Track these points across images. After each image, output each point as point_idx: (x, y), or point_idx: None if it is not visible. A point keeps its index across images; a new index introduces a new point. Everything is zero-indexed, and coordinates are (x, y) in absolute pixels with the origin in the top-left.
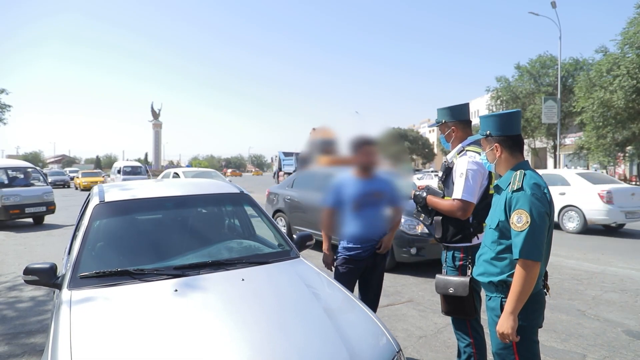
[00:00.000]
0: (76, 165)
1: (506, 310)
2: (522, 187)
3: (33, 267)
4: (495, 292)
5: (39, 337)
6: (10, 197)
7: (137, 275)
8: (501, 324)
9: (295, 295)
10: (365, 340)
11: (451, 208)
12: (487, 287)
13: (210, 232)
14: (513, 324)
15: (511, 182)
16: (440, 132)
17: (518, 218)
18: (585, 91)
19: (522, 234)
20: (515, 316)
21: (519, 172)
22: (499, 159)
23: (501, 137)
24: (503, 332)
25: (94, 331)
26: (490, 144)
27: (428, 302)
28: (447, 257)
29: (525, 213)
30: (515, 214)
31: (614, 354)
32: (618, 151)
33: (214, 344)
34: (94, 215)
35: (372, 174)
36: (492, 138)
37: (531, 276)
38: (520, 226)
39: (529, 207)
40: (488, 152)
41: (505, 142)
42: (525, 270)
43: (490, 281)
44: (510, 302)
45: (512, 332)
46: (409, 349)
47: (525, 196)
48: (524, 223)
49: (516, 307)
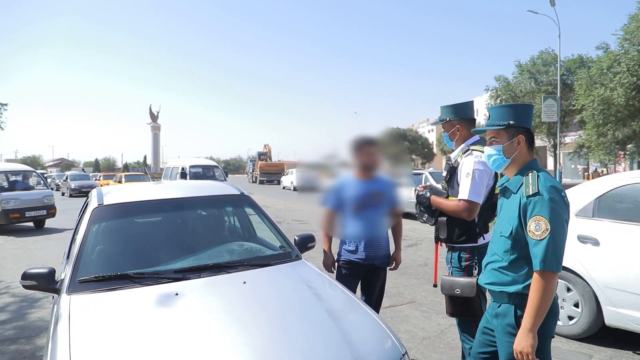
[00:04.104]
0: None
1: (525, 328)
2: (539, 191)
3: (31, 272)
4: (508, 301)
5: (38, 342)
6: (10, 201)
7: (137, 279)
8: (519, 342)
9: (298, 297)
10: (370, 343)
11: (457, 209)
12: (499, 296)
13: (210, 235)
14: (533, 342)
15: (524, 185)
16: (444, 130)
17: (536, 226)
18: (586, 89)
19: (542, 243)
20: (534, 334)
21: (531, 173)
22: (518, 154)
23: (525, 129)
24: (522, 350)
25: (94, 337)
26: (511, 135)
27: (431, 302)
28: (452, 257)
29: (545, 220)
30: (533, 221)
31: (619, 354)
32: (619, 149)
33: (216, 349)
34: (92, 218)
35: (372, 175)
36: (514, 129)
37: (550, 288)
38: (539, 234)
39: (548, 214)
40: (506, 146)
41: (527, 134)
42: (545, 281)
43: (503, 291)
44: (528, 319)
45: (532, 352)
46: (413, 350)
47: (543, 201)
48: (543, 231)
49: (535, 323)
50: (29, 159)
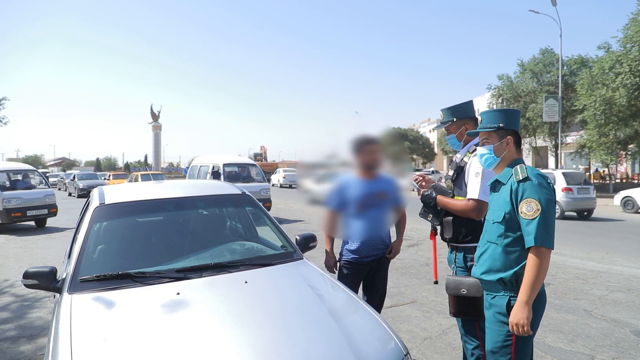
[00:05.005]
0: (76, 168)
1: (521, 300)
2: (528, 176)
3: (33, 270)
4: (503, 290)
5: (39, 341)
6: (11, 200)
7: (139, 278)
8: (515, 314)
9: (300, 297)
10: (372, 344)
11: (466, 208)
12: (494, 286)
13: (212, 234)
14: (528, 314)
15: (514, 174)
16: (449, 132)
17: (528, 207)
18: (587, 89)
19: (533, 221)
20: (530, 306)
21: (519, 165)
22: (507, 153)
23: (513, 131)
24: (517, 322)
25: (95, 336)
26: (500, 137)
27: (432, 303)
28: (456, 257)
29: (535, 201)
30: (525, 203)
31: (622, 355)
32: (620, 149)
33: (217, 348)
34: (94, 217)
35: (375, 174)
36: (504, 131)
37: (545, 264)
38: (531, 214)
39: (537, 195)
40: (497, 146)
41: (515, 136)
42: (539, 257)
43: (500, 278)
44: (524, 292)
45: (527, 323)
46: (414, 350)
47: (532, 185)
48: (535, 211)
49: (531, 296)
50: (30, 158)
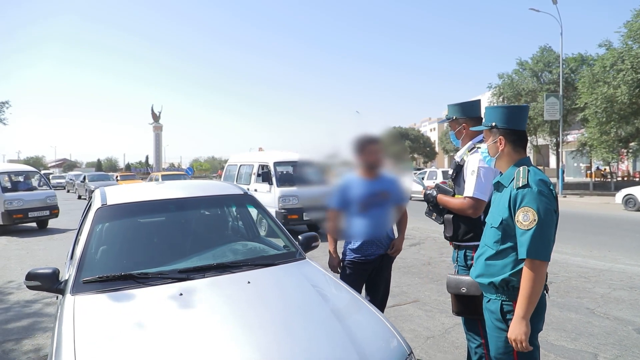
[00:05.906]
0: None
1: (517, 315)
2: (528, 183)
3: (35, 272)
4: (495, 293)
5: (43, 342)
6: (13, 202)
7: (141, 279)
8: (512, 330)
9: (303, 297)
10: (375, 343)
11: (462, 206)
12: (487, 289)
13: (214, 234)
14: (526, 330)
15: (515, 179)
16: (451, 129)
17: (524, 216)
18: (589, 86)
19: (528, 232)
20: (527, 321)
21: (522, 168)
22: (501, 153)
23: (507, 130)
24: (515, 338)
25: (99, 337)
26: (494, 136)
27: (435, 302)
28: (458, 256)
29: (532, 211)
30: (521, 212)
31: (625, 353)
32: (621, 147)
33: (221, 349)
34: (96, 218)
35: (377, 174)
36: (497, 130)
37: (540, 277)
38: (527, 224)
39: (536, 205)
40: (490, 145)
41: (510, 135)
42: (534, 271)
43: (491, 282)
44: (521, 306)
45: (525, 339)
46: (417, 349)
47: (531, 193)
48: (531, 221)
49: (528, 310)
50: (31, 159)
